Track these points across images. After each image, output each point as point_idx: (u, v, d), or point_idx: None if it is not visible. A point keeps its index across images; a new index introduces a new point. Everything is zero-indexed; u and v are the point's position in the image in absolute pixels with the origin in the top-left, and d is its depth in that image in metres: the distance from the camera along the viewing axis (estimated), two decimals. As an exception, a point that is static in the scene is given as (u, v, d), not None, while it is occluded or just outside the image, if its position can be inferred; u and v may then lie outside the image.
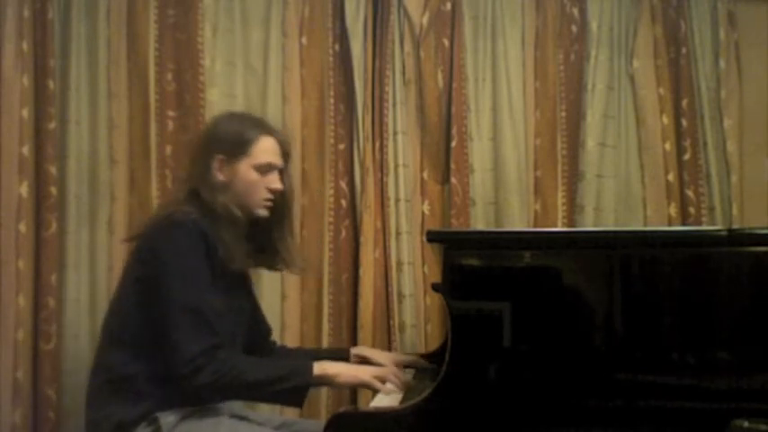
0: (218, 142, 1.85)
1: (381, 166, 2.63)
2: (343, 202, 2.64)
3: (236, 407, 1.89)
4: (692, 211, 2.78)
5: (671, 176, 2.79)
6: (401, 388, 1.82)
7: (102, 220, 2.47)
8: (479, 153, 2.71)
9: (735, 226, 2.12)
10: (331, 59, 2.65)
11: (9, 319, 2.34)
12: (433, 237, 1.87)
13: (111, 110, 2.49)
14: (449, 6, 2.70)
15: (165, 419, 1.70)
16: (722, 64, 2.84)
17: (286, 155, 1.93)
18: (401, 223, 2.62)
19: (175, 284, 1.68)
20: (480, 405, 1.56)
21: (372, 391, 1.83)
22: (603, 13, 2.78)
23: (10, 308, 2.34)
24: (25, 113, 2.37)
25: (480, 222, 2.69)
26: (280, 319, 2.55)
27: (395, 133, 2.63)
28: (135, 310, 1.74)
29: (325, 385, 1.72)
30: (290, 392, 1.71)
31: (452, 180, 2.67)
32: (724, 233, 1.59)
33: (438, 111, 2.70)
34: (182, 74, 2.53)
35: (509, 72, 2.73)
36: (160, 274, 1.69)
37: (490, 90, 2.73)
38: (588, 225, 2.70)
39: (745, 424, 1.46)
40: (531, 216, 2.74)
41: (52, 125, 2.41)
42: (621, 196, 2.79)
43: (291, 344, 2.40)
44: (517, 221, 2.69)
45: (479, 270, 1.65)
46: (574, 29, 2.79)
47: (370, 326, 2.57)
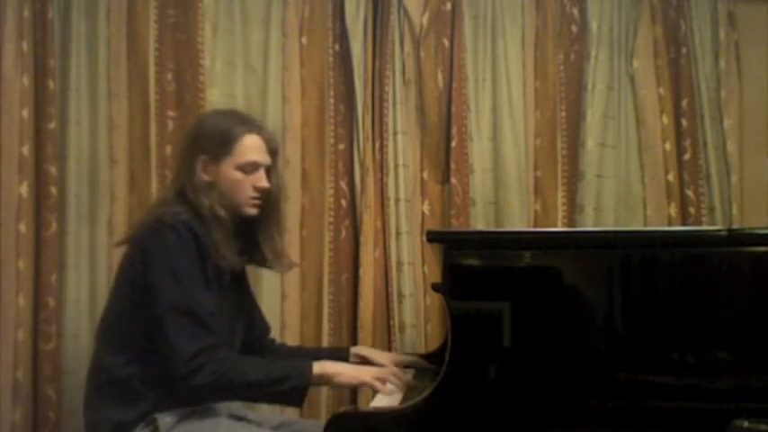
0: (201, 142, 1.84)
1: (381, 166, 2.63)
2: (343, 202, 2.64)
3: (234, 407, 1.89)
4: (692, 211, 2.78)
5: (671, 176, 2.79)
6: (401, 388, 1.81)
7: (102, 220, 2.48)
8: (479, 153, 2.71)
9: (735, 226, 2.11)
10: (331, 59, 2.65)
11: (9, 319, 2.34)
12: (433, 237, 1.87)
13: (111, 110, 2.49)
14: (449, 6, 2.70)
15: (162, 420, 1.70)
16: (722, 64, 2.84)
17: (273, 152, 1.90)
18: (401, 223, 2.62)
19: (168, 286, 1.67)
20: (480, 405, 1.56)
21: (372, 390, 1.83)
22: (603, 13, 2.78)
23: (10, 308, 2.34)
24: (25, 113, 2.37)
25: (480, 222, 2.69)
26: (280, 319, 2.55)
27: (395, 133, 2.63)
28: (129, 312, 1.74)
29: (325, 385, 1.71)
30: (290, 392, 1.70)
31: (452, 180, 2.68)
32: (724, 233, 1.59)
33: (438, 111, 2.70)
34: (182, 74, 2.53)
35: (509, 72, 2.73)
36: (152, 275, 1.69)
37: (490, 90, 2.73)
38: (588, 225, 2.70)
39: (745, 424, 1.46)
40: (531, 216, 2.74)
41: (52, 125, 2.41)
42: (621, 196, 2.79)
43: (291, 344, 2.40)
44: (517, 221, 2.69)
45: (479, 270, 1.65)
46: (574, 29, 2.79)
47: (370, 326, 2.57)
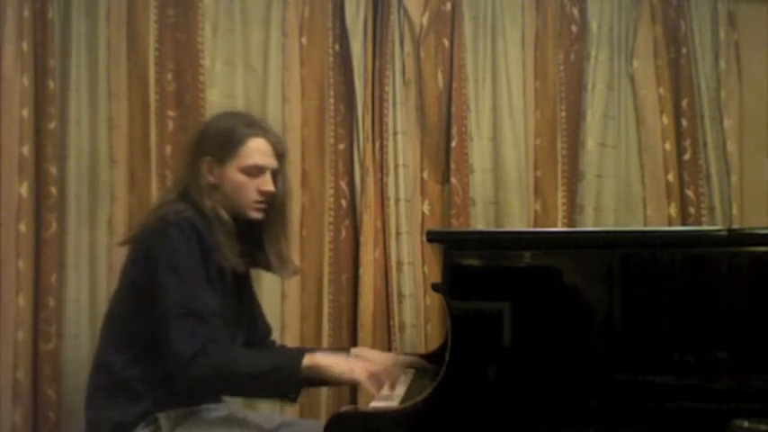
0: (207, 143, 1.84)
1: (381, 166, 2.63)
2: (343, 202, 2.64)
3: (234, 407, 1.89)
4: (692, 211, 2.78)
5: (671, 176, 2.79)
6: (390, 385, 1.76)
7: (102, 220, 2.47)
8: (479, 153, 2.71)
9: (735, 226, 2.11)
10: (331, 59, 2.65)
11: (9, 319, 2.34)
12: (433, 237, 1.86)
13: (111, 110, 2.49)
14: (449, 6, 2.70)
15: (164, 420, 1.70)
16: (722, 64, 2.84)
17: (280, 156, 1.89)
18: (401, 223, 2.61)
19: (169, 283, 1.67)
20: (480, 405, 1.56)
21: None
22: (603, 13, 2.78)
23: (10, 308, 2.34)
24: (25, 113, 2.37)
25: (480, 222, 2.69)
26: (280, 319, 2.54)
27: (395, 133, 2.63)
28: (132, 311, 1.74)
29: (319, 377, 1.67)
30: (282, 384, 1.66)
31: (452, 180, 2.67)
32: (724, 233, 1.59)
33: (438, 111, 2.70)
34: (182, 74, 2.53)
35: (509, 72, 2.73)
36: (154, 273, 1.68)
37: (490, 90, 2.73)
38: (588, 225, 2.70)
39: (745, 424, 1.46)
40: (531, 216, 2.74)
41: (52, 125, 2.41)
42: (621, 196, 2.79)
43: (291, 344, 2.40)
44: (517, 221, 2.70)
45: (479, 270, 1.65)
46: (574, 29, 2.79)
47: (370, 326, 2.57)
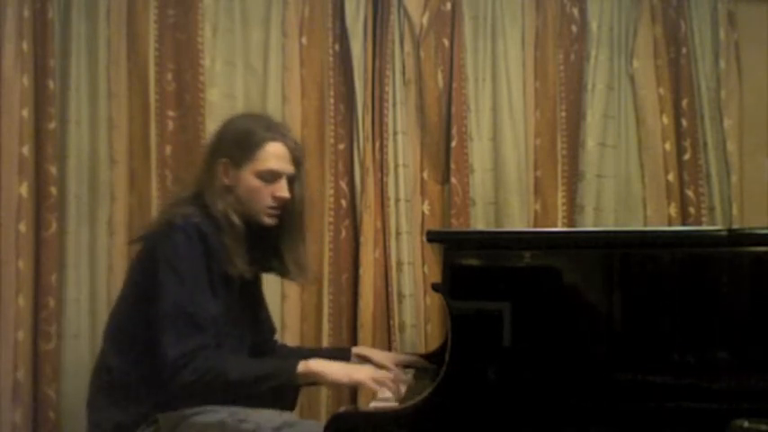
0: (224, 145, 1.83)
1: (381, 166, 2.63)
2: (343, 202, 2.64)
3: (235, 408, 1.88)
4: (692, 211, 2.78)
5: (671, 176, 2.79)
6: (396, 395, 1.75)
7: (102, 220, 2.48)
8: (479, 153, 2.71)
9: (735, 226, 2.11)
10: (331, 59, 2.65)
11: (9, 319, 2.34)
12: (433, 237, 1.87)
13: (111, 110, 2.49)
14: (449, 6, 2.70)
15: (164, 421, 1.70)
16: (722, 64, 2.84)
17: (297, 162, 1.86)
18: (401, 223, 2.61)
19: (168, 286, 1.67)
20: (480, 405, 1.56)
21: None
22: (603, 13, 2.78)
23: (10, 308, 2.34)
24: (25, 113, 2.37)
25: (480, 222, 2.69)
26: (280, 319, 2.54)
27: (395, 133, 2.63)
28: (134, 312, 1.74)
29: (317, 384, 1.67)
30: (276, 391, 1.67)
31: (452, 180, 2.67)
32: (724, 233, 1.59)
33: (438, 111, 2.70)
34: (182, 74, 2.53)
35: (509, 72, 2.73)
36: (157, 276, 1.68)
37: (490, 90, 2.73)
38: (588, 225, 2.70)
39: (745, 424, 1.46)
40: (531, 216, 2.74)
41: (52, 125, 2.41)
42: (621, 196, 2.79)
43: (291, 344, 2.40)
44: (517, 221, 2.69)
45: (479, 270, 1.65)
46: (574, 29, 2.79)
47: (370, 326, 2.57)
